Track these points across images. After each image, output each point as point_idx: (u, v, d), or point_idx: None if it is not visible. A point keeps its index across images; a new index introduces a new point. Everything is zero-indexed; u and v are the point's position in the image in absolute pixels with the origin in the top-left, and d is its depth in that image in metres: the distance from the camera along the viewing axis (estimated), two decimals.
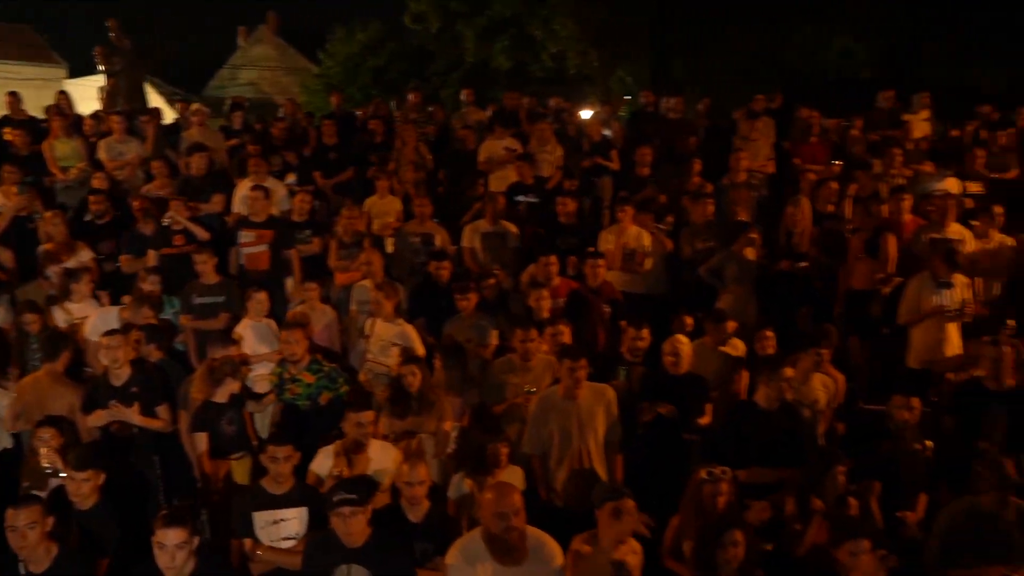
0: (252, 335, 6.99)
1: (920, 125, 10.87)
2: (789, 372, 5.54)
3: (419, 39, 25.69)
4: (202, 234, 8.18)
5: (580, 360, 5.44)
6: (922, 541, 4.97)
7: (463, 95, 11.84)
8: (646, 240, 8.23)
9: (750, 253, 7.94)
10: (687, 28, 20.32)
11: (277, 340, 7.05)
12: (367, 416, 5.29)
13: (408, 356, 6.11)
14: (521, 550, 3.94)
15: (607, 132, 11.42)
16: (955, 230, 7.98)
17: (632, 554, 4.27)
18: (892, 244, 7.76)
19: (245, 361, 6.45)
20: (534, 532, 4.06)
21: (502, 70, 21.63)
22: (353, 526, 4.05)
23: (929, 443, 5.79)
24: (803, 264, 8.02)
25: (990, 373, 5.90)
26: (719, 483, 4.55)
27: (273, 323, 7.19)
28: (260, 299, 7.03)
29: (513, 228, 8.53)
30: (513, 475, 5.21)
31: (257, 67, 40.75)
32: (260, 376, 6.82)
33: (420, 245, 8.58)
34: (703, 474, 4.61)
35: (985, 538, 4.75)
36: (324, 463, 5.24)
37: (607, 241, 8.20)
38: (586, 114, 15.72)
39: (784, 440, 5.43)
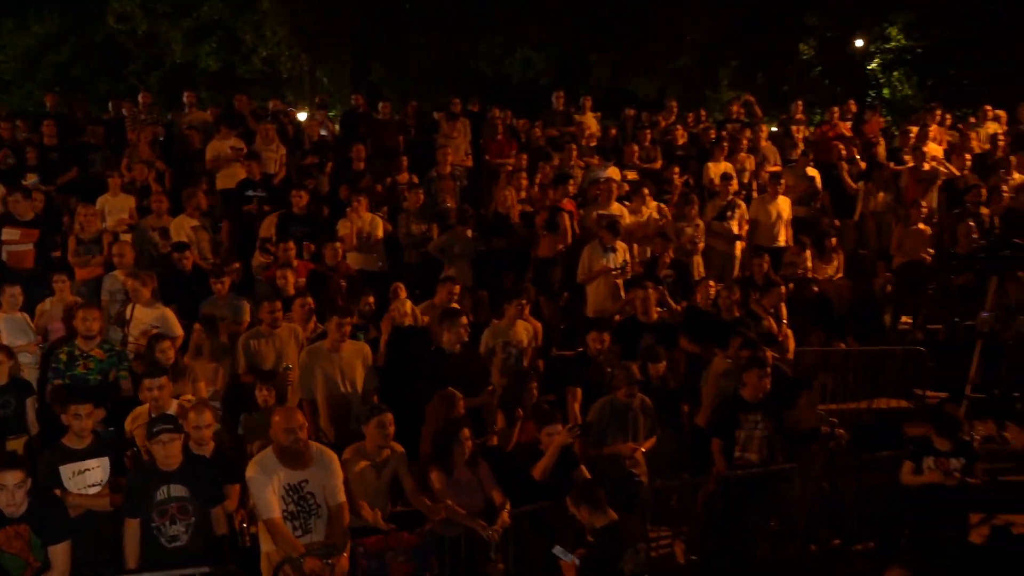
0: (5, 327, 7.34)
1: (591, 123, 13.07)
2: (464, 320, 7.10)
3: (110, 36, 24.80)
4: None
5: (347, 317, 6.72)
6: None
7: (185, 97, 12.35)
8: (378, 225, 9.52)
9: (468, 233, 9.50)
10: (384, 35, 21.74)
11: (32, 332, 7.53)
12: (161, 381, 6.08)
13: (160, 335, 6.93)
14: (307, 457, 5.06)
15: (324, 132, 12.54)
16: (616, 208, 10.05)
17: (394, 454, 5.58)
18: (566, 220, 9.64)
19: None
20: (315, 443, 5.22)
21: (209, 71, 21.78)
22: (171, 450, 4.94)
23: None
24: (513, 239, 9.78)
25: (640, 310, 7.88)
26: (455, 399, 5.99)
27: (27, 316, 7.58)
28: (14, 293, 7.39)
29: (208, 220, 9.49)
30: None
31: None
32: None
33: (159, 238, 9.23)
34: (441, 393, 6.04)
35: (619, 422, 6.57)
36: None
37: (344, 227, 9.38)
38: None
39: (468, 373, 6.90)
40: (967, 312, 8.16)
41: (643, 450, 6.51)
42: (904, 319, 10.49)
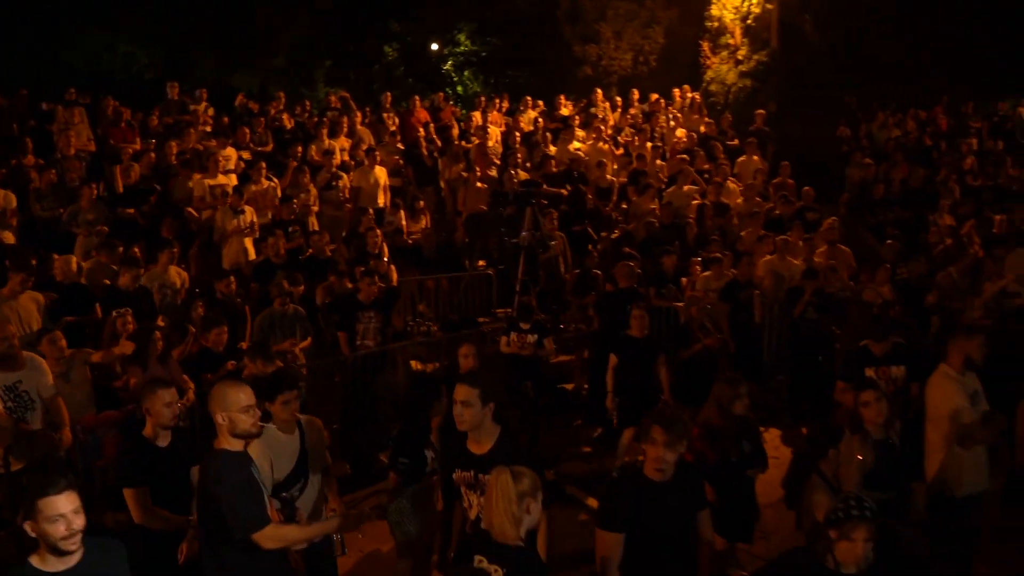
0: None
1: (205, 111, 14.47)
2: (141, 266, 8.57)
3: None
4: None
5: (31, 276, 7.79)
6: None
7: None
8: (12, 200, 10.26)
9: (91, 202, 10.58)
10: None
11: None
12: None
13: None
14: (19, 361, 6.28)
15: None
16: (222, 179, 11.76)
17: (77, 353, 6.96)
18: (200, 187, 11.18)
19: None
20: (25, 351, 6.42)
21: None
22: None
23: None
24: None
25: (272, 253, 9.76)
26: (120, 318, 7.43)
27: None
28: None
29: None
30: None
31: None
32: None
33: None
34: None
35: (279, 326, 8.43)
36: None
37: None
38: None
39: (140, 305, 8.40)
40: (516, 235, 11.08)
41: (301, 347, 8.40)
42: (480, 263, 13.41)
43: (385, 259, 10.98)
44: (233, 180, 11.90)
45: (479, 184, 13.11)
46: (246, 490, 4.00)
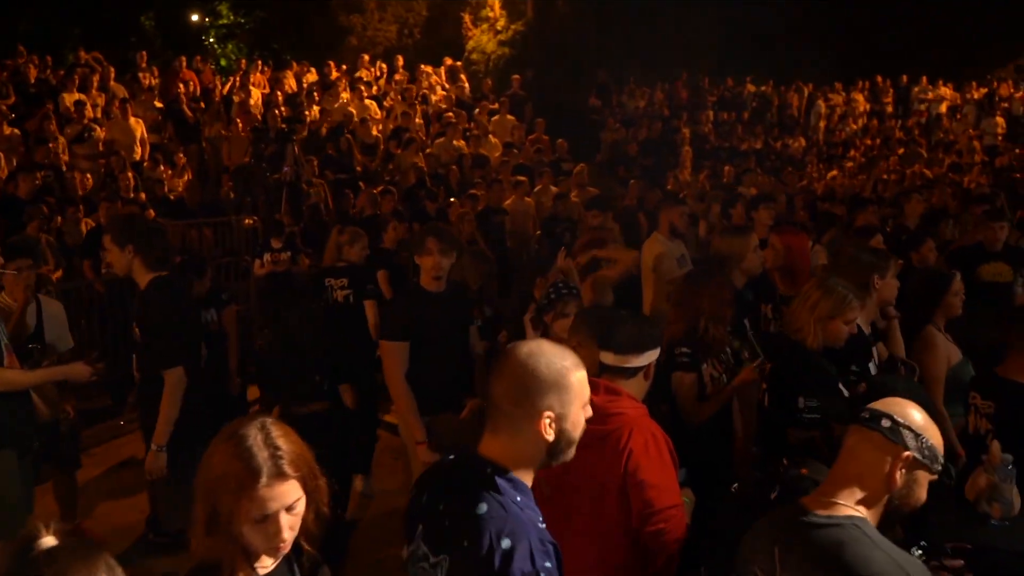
0: None
1: None
2: None
3: None
4: None
5: None
6: None
7: None
8: None
9: None
10: None
11: None
12: None
13: None
14: None
15: None
16: None
17: None
18: None
19: None
20: None
21: None
22: None
23: None
24: None
25: (18, 192, 9.37)
26: None
27: None
28: None
29: None
30: None
31: None
32: None
33: None
34: None
35: (30, 253, 8.10)
36: None
37: None
38: None
39: None
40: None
41: (56, 276, 8.18)
42: (247, 220, 13.34)
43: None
44: None
45: (242, 135, 13.07)
46: None
